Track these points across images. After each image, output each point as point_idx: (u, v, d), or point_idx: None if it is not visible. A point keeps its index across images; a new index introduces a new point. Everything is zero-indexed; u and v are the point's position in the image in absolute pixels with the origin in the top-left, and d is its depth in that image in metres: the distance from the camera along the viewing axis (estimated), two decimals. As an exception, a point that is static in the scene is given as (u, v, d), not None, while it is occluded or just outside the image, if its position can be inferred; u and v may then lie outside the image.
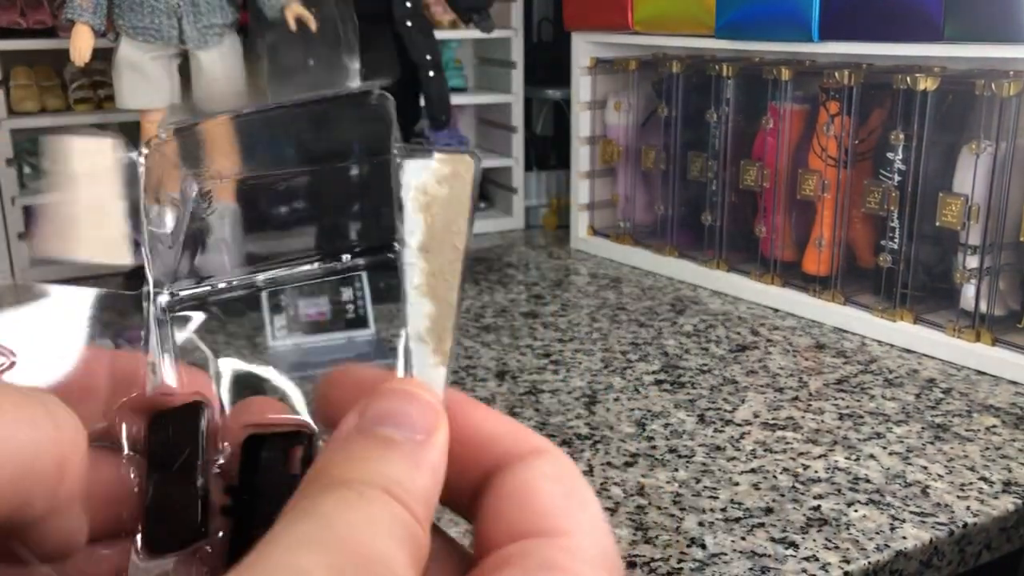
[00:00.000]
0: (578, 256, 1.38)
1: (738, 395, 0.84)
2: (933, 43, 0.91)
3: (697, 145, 1.20)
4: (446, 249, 0.24)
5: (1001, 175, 0.88)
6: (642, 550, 0.59)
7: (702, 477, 0.69)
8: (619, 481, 0.68)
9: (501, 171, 1.57)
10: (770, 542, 0.60)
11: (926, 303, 0.97)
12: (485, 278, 1.26)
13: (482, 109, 1.64)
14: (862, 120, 1.01)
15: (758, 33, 1.09)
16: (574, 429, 0.77)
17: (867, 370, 0.90)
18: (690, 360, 0.93)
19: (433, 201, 0.24)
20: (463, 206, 0.24)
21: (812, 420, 0.79)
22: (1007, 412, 0.80)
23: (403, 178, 0.24)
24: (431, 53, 1.12)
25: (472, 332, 1.03)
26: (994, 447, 0.73)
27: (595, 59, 1.34)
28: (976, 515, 0.63)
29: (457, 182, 0.24)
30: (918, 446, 0.74)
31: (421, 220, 0.24)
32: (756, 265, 1.14)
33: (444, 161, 0.24)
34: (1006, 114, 0.87)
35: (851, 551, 0.59)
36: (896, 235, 0.98)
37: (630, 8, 1.24)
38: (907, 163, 0.95)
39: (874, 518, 0.63)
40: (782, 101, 1.07)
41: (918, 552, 0.60)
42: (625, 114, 1.32)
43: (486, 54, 1.61)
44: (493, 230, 1.54)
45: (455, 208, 0.24)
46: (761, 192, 1.12)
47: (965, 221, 0.90)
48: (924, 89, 0.92)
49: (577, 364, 0.92)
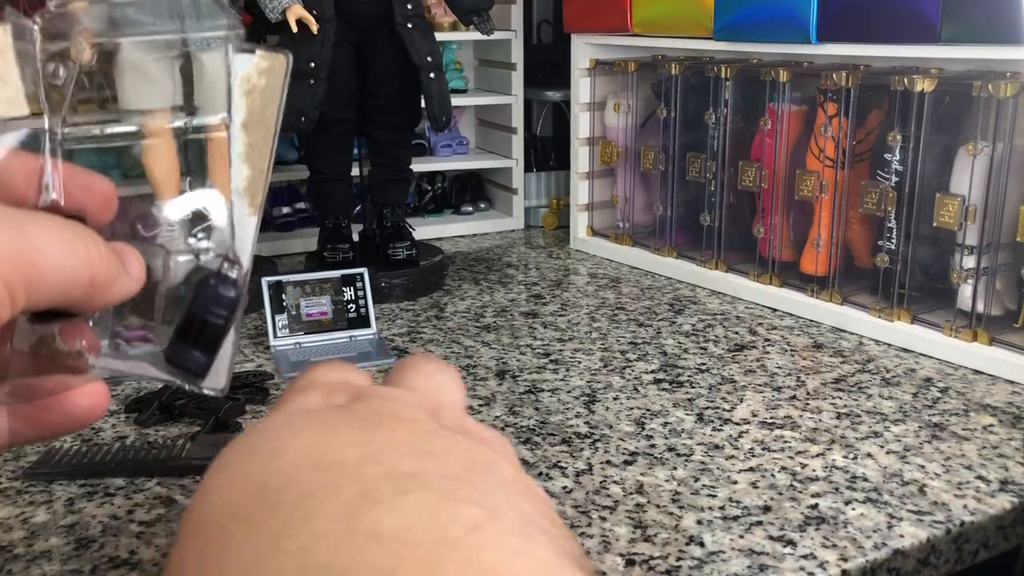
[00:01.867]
0: (577, 256, 1.38)
1: (736, 394, 0.85)
2: (930, 45, 0.91)
3: (696, 146, 1.21)
4: (262, 127, 0.30)
5: (998, 176, 0.88)
6: (641, 548, 0.60)
7: (700, 475, 0.69)
8: (618, 479, 0.69)
9: (501, 172, 1.58)
10: (768, 540, 0.60)
11: (923, 303, 0.98)
12: (485, 278, 1.26)
13: (482, 110, 1.64)
14: (860, 121, 1.01)
15: (756, 35, 1.09)
16: (573, 428, 0.78)
17: (865, 369, 0.91)
18: (689, 359, 0.94)
19: (254, 88, 0.30)
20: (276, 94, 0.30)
21: (810, 419, 0.79)
22: (1004, 411, 0.81)
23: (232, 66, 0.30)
24: (432, 55, 1.13)
25: (472, 332, 1.04)
26: (991, 446, 0.74)
27: (594, 61, 1.35)
28: (973, 513, 0.64)
29: (273, 75, 0.30)
30: (915, 445, 0.74)
31: (244, 103, 0.30)
32: (754, 265, 1.15)
33: (264, 56, 0.30)
34: (1003, 115, 0.88)
35: (849, 549, 0.59)
36: (893, 235, 0.98)
37: (629, 10, 1.25)
38: (904, 164, 0.96)
39: (872, 516, 0.63)
40: (780, 102, 1.08)
41: (915, 550, 0.61)
42: (624, 115, 1.32)
43: (486, 56, 1.61)
44: (493, 230, 1.55)
45: (270, 96, 0.30)
46: (759, 193, 1.13)
47: (962, 221, 0.91)
48: (921, 90, 0.92)
49: (576, 363, 0.93)
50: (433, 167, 1.55)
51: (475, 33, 1.22)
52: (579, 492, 0.67)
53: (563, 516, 0.64)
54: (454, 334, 1.03)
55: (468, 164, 1.58)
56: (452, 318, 1.09)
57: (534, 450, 0.74)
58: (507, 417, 0.80)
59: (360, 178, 1.31)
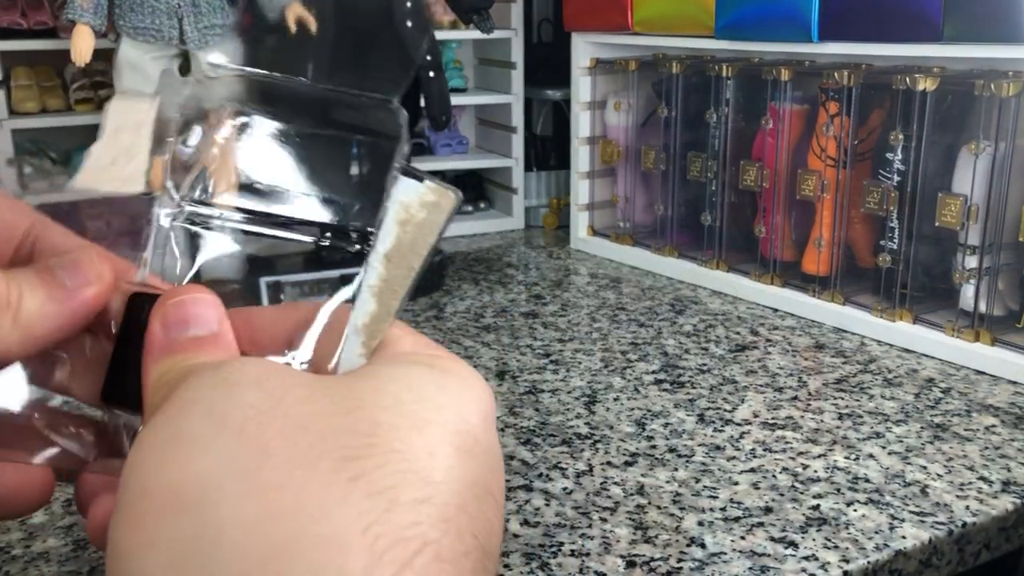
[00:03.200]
0: (578, 256, 1.38)
1: (738, 395, 0.84)
2: (932, 43, 0.91)
3: (697, 145, 1.20)
4: (405, 264, 0.27)
5: (1000, 175, 0.88)
6: (642, 549, 0.59)
7: (702, 476, 0.69)
8: (619, 480, 0.68)
9: (501, 171, 1.57)
10: (769, 541, 0.60)
11: (925, 303, 0.98)
12: (485, 278, 1.26)
13: (482, 109, 1.64)
14: (861, 120, 1.01)
15: (758, 34, 1.09)
16: (574, 428, 0.77)
17: (866, 370, 0.90)
18: (690, 360, 0.94)
19: (410, 220, 0.27)
20: (433, 233, 0.27)
21: (811, 420, 0.79)
22: (1006, 412, 0.80)
23: (393, 190, 0.27)
24: (431, 53, 1.12)
25: (472, 332, 1.03)
26: (993, 447, 0.74)
27: (595, 59, 1.35)
28: (975, 515, 0.63)
29: (436, 211, 0.27)
30: (917, 446, 0.74)
31: (395, 233, 0.27)
32: (755, 265, 1.14)
33: (432, 190, 0.27)
34: (1005, 114, 0.87)
35: (850, 550, 0.59)
36: (895, 235, 0.98)
37: (630, 9, 1.24)
38: (906, 163, 0.95)
39: (873, 517, 0.63)
40: (781, 101, 1.07)
41: (917, 551, 0.60)
42: (625, 114, 1.32)
43: (486, 54, 1.61)
44: (493, 230, 1.55)
45: (426, 232, 0.27)
46: (760, 192, 1.12)
47: (964, 221, 0.91)
48: (923, 89, 0.92)
49: (577, 364, 0.93)
50: (433, 166, 1.55)
51: (475, 32, 1.21)
52: (579, 493, 0.67)
53: (563, 517, 0.64)
54: (454, 334, 1.03)
55: (468, 163, 1.58)
56: (452, 318, 1.09)
57: (534, 451, 0.74)
58: (507, 417, 0.80)
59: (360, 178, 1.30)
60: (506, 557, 0.59)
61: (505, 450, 0.74)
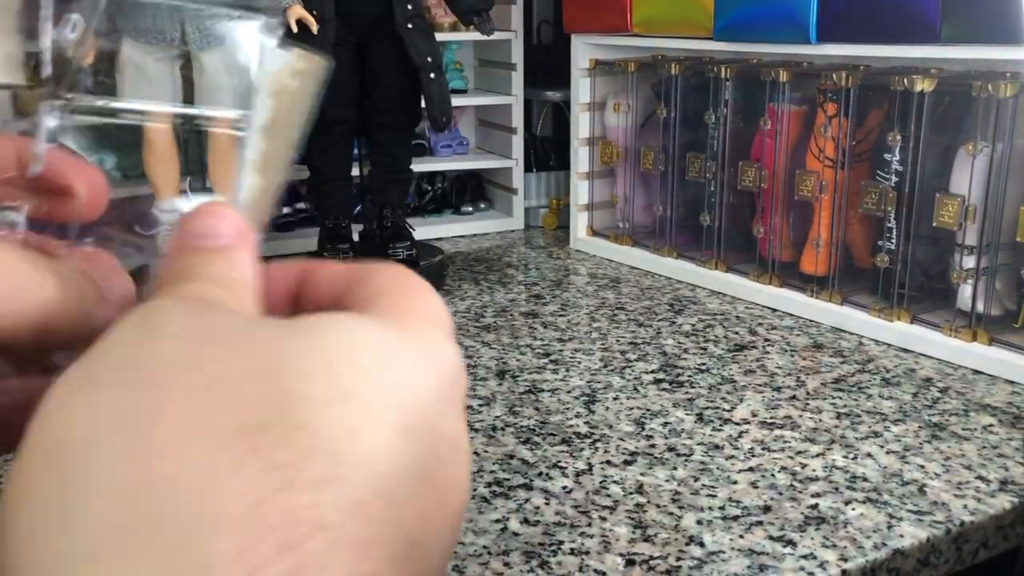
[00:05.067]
0: (577, 256, 1.38)
1: (736, 394, 0.85)
2: (930, 45, 0.91)
3: (696, 146, 1.21)
4: (283, 136, 0.27)
5: (997, 176, 0.88)
6: (641, 548, 0.60)
7: (700, 476, 0.69)
8: (618, 479, 0.69)
9: (501, 172, 1.58)
10: (768, 540, 0.60)
11: (923, 303, 0.98)
12: (485, 278, 1.26)
13: (482, 110, 1.64)
14: (859, 121, 1.01)
15: (756, 35, 1.09)
16: (573, 428, 0.78)
17: (864, 369, 0.91)
18: (688, 359, 0.94)
19: (283, 90, 0.27)
20: (304, 102, 0.27)
21: (810, 419, 0.79)
22: (1004, 411, 0.81)
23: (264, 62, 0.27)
24: (432, 55, 1.13)
25: (472, 332, 1.04)
26: (991, 446, 0.74)
27: (594, 61, 1.35)
28: (973, 513, 0.64)
29: (307, 80, 0.27)
30: (915, 445, 0.74)
31: (269, 104, 0.27)
32: (754, 265, 1.15)
33: (301, 56, 0.27)
34: (1002, 115, 0.88)
35: (849, 549, 0.59)
36: (893, 235, 0.98)
37: (629, 10, 1.25)
38: (904, 164, 0.96)
39: (871, 516, 0.63)
40: (780, 102, 1.08)
41: (915, 550, 0.61)
42: (624, 115, 1.32)
43: (486, 56, 1.61)
44: (493, 230, 1.55)
45: (298, 101, 0.27)
46: (759, 193, 1.13)
47: (962, 221, 0.91)
48: (921, 90, 0.92)
49: (576, 363, 0.93)
50: (433, 167, 1.55)
51: (475, 33, 1.22)
52: (579, 492, 0.67)
53: (563, 516, 0.64)
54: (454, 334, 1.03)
55: (468, 164, 1.58)
56: (452, 318, 1.09)
57: (534, 450, 0.74)
58: (507, 417, 0.80)
59: (360, 178, 1.31)
60: (506, 556, 0.59)
61: (505, 449, 0.74)
